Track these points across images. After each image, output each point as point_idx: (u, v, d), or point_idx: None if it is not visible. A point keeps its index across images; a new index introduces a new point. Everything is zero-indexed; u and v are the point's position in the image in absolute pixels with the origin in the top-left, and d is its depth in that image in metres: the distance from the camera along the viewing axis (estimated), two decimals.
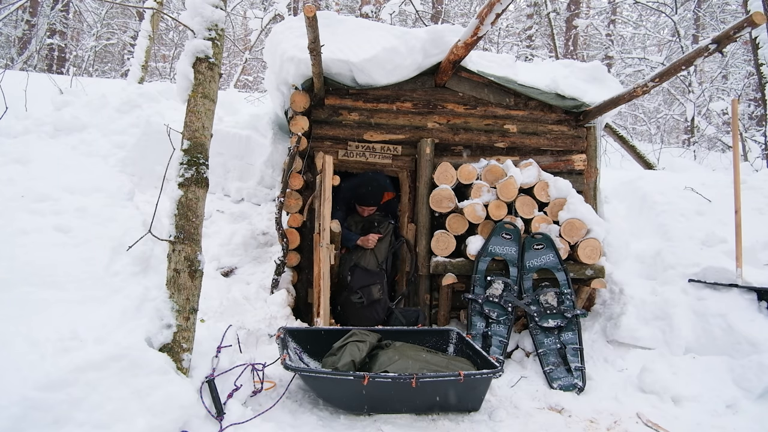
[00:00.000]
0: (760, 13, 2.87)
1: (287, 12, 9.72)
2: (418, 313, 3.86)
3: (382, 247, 4.09)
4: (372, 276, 3.95)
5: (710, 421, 3.04)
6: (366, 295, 3.87)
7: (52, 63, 15.38)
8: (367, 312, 3.86)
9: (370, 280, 3.93)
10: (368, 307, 3.86)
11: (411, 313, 3.86)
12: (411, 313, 3.87)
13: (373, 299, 3.86)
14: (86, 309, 2.28)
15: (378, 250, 4.07)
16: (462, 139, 4.26)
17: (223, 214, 4.84)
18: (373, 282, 3.92)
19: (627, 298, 3.95)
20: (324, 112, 4.15)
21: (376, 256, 4.05)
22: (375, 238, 4.03)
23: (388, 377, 2.70)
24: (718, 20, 12.80)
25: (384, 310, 3.89)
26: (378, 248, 4.07)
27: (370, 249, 4.04)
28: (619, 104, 4.00)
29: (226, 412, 2.44)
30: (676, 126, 17.25)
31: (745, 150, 9.78)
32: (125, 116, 5.56)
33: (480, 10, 3.22)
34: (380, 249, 4.08)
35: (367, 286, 3.90)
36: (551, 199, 3.99)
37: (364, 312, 3.86)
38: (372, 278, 3.94)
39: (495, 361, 2.99)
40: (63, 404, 1.92)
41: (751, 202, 4.54)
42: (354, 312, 3.89)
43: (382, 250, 4.08)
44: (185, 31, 6.82)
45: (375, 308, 3.87)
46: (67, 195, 2.78)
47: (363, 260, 4.04)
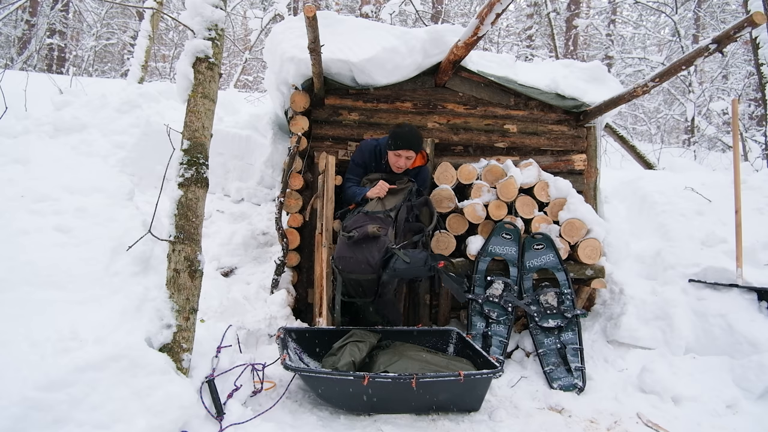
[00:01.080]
0: (760, 13, 2.87)
1: (287, 12, 9.72)
2: (426, 256, 3.17)
3: (394, 199, 3.46)
4: (372, 219, 3.31)
5: (710, 421, 3.04)
6: (360, 231, 3.20)
7: (52, 63, 15.39)
8: (358, 252, 3.16)
9: (369, 221, 3.28)
10: (359, 244, 3.18)
11: (417, 256, 3.15)
12: (417, 255, 3.16)
13: (367, 234, 3.16)
14: (86, 309, 2.28)
15: (387, 200, 3.46)
16: (462, 139, 4.26)
17: (223, 214, 4.84)
18: (372, 222, 3.29)
19: (627, 298, 3.95)
20: (324, 112, 4.15)
21: (383, 204, 3.43)
22: (385, 187, 3.47)
23: (388, 377, 2.70)
24: (718, 20, 12.81)
25: (381, 250, 3.15)
26: (388, 199, 3.47)
27: (378, 198, 3.47)
28: (619, 104, 4.00)
29: (226, 412, 2.45)
30: (676, 126, 17.25)
31: (745, 150, 9.78)
32: (125, 116, 5.56)
33: (480, 10, 3.22)
34: (390, 200, 3.46)
35: (363, 226, 3.25)
36: (551, 199, 3.99)
37: (354, 251, 3.17)
38: (372, 220, 3.30)
39: (495, 361, 2.99)
40: (63, 404, 1.92)
41: (751, 202, 4.54)
42: (342, 250, 3.23)
43: (392, 201, 3.44)
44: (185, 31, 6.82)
45: (369, 247, 3.16)
46: (67, 195, 2.78)
47: (367, 207, 3.45)
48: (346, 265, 3.19)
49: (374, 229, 3.18)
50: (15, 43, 13.24)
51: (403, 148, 3.50)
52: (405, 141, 3.49)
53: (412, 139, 3.51)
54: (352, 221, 3.35)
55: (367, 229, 3.18)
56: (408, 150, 3.51)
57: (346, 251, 3.22)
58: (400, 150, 3.51)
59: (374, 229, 3.18)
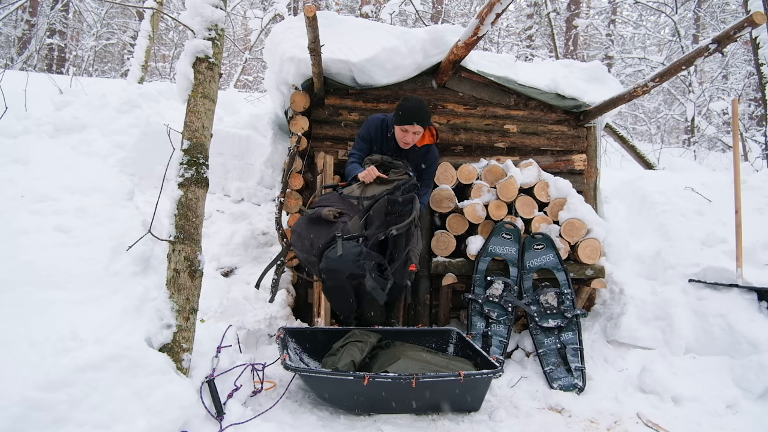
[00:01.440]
0: (760, 13, 2.87)
1: (287, 12, 9.72)
2: (360, 252, 2.82)
3: (378, 189, 3.22)
4: (343, 202, 3.13)
5: (710, 421, 3.04)
6: (316, 211, 3.08)
7: (52, 63, 15.39)
8: (309, 230, 3.02)
9: (336, 203, 3.11)
10: (312, 224, 3.04)
11: (351, 250, 2.81)
12: (351, 249, 2.82)
13: (320, 216, 2.99)
14: (86, 309, 2.28)
15: (370, 187, 3.24)
16: (462, 139, 4.26)
17: (223, 214, 4.84)
18: (339, 204, 3.11)
19: (627, 298, 3.95)
20: (324, 112, 4.15)
21: (364, 190, 3.24)
22: (374, 174, 3.22)
23: (388, 377, 2.69)
24: (718, 20, 12.81)
25: (328, 236, 2.90)
26: (372, 186, 3.25)
27: (363, 183, 3.27)
28: (619, 104, 4.00)
29: (226, 412, 2.44)
30: (676, 126, 17.25)
31: (745, 150, 9.79)
32: (125, 116, 5.55)
33: (480, 10, 3.22)
34: (373, 188, 3.24)
35: (324, 206, 3.10)
36: (551, 199, 3.99)
37: (306, 229, 3.05)
38: (341, 203, 3.11)
39: (495, 361, 2.99)
40: (63, 404, 1.92)
41: (751, 202, 4.54)
42: (297, 224, 3.17)
43: (375, 190, 3.22)
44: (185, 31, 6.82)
45: (320, 229, 2.96)
46: (67, 195, 2.78)
47: (347, 189, 3.28)
48: (295, 241, 3.13)
49: (328, 212, 2.99)
50: (15, 43, 13.24)
51: (410, 122, 3.28)
52: (412, 115, 3.28)
53: (420, 112, 3.30)
54: (322, 199, 3.26)
55: (322, 211, 3.02)
56: (415, 125, 3.29)
57: (299, 226, 3.18)
58: (407, 125, 3.30)
59: (328, 212, 2.99)
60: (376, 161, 3.40)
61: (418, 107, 3.31)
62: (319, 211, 3.03)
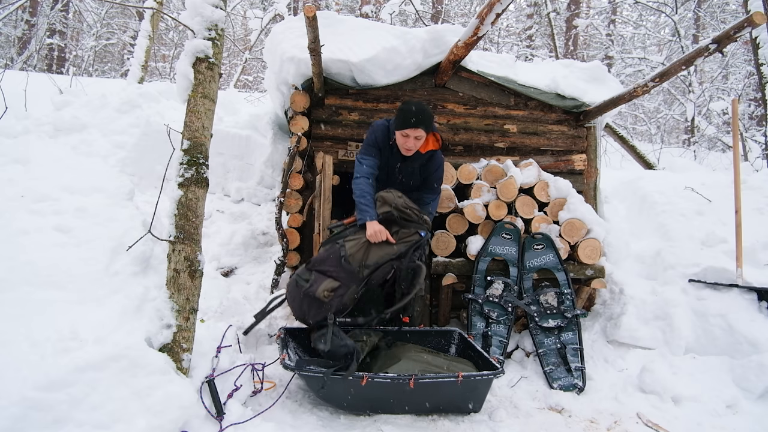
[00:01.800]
0: (760, 13, 2.87)
1: (287, 12, 9.73)
2: (350, 350, 2.76)
3: (382, 252, 3.01)
4: (344, 270, 2.93)
5: (710, 421, 3.04)
6: (312, 287, 2.91)
7: (52, 63, 15.39)
8: (302, 302, 2.94)
9: (335, 271, 2.93)
10: (306, 297, 2.92)
11: (340, 349, 2.77)
12: (340, 346, 2.78)
13: (314, 295, 2.88)
14: (86, 309, 2.28)
15: (374, 250, 3.01)
16: (462, 139, 4.26)
17: (223, 214, 4.84)
18: (337, 274, 2.92)
19: (627, 298, 3.95)
20: (324, 112, 4.15)
21: (366, 254, 2.99)
22: (383, 236, 3.00)
23: (386, 378, 2.69)
24: (718, 20, 12.81)
25: (318, 317, 2.91)
26: (377, 248, 3.01)
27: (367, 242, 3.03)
28: (619, 104, 4.00)
29: (226, 412, 2.44)
30: (676, 126, 17.25)
31: (745, 150, 9.79)
32: (125, 116, 5.56)
33: (480, 10, 3.22)
34: (377, 252, 3.01)
35: (320, 280, 2.91)
36: (551, 199, 3.99)
37: (299, 299, 2.94)
38: (341, 271, 2.92)
39: (496, 362, 2.99)
40: (63, 404, 1.92)
41: (751, 202, 4.54)
42: (291, 287, 3.02)
43: (378, 254, 3.00)
44: (185, 31, 6.82)
45: (312, 306, 2.91)
46: (67, 195, 2.78)
47: (348, 248, 3.00)
48: (290, 303, 3.03)
49: (323, 293, 2.86)
50: (15, 43, 13.24)
51: (411, 126, 3.06)
52: (413, 118, 3.05)
53: (421, 115, 3.07)
54: (321, 257, 3.00)
55: (316, 290, 2.87)
56: (416, 128, 3.07)
57: (291, 292, 3.00)
58: (408, 129, 3.08)
59: (323, 293, 2.86)
60: (388, 213, 3.10)
61: (419, 110, 3.09)
62: (313, 290, 2.88)
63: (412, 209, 3.16)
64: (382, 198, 3.16)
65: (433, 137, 3.30)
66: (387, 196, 3.16)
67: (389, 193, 3.18)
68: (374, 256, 3.00)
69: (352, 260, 2.95)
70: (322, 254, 3.04)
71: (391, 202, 3.13)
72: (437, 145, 3.32)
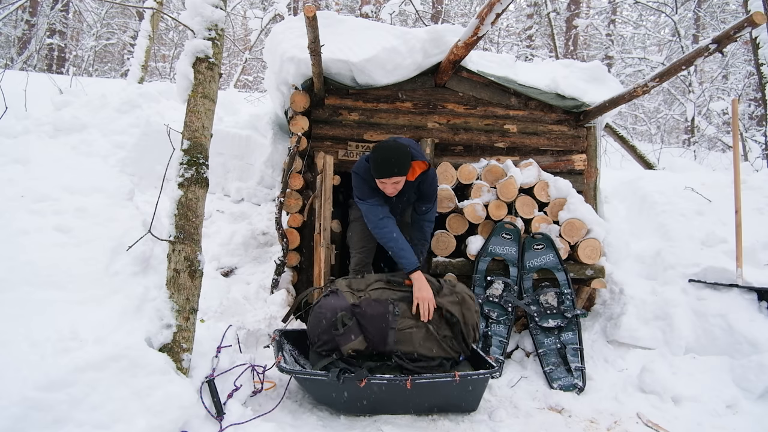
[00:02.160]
0: (760, 13, 2.87)
1: (287, 12, 9.73)
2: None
3: (425, 347, 2.85)
4: (376, 333, 2.78)
5: (710, 421, 3.04)
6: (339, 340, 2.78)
7: (52, 63, 15.39)
8: (319, 333, 2.84)
9: (367, 326, 2.79)
10: (330, 327, 2.82)
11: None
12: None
13: (338, 348, 2.78)
14: (86, 309, 2.29)
15: (421, 340, 2.85)
16: (462, 139, 4.26)
17: (223, 214, 4.84)
18: (365, 330, 2.79)
19: (627, 298, 3.95)
20: (324, 112, 4.15)
21: (410, 339, 2.83)
22: (432, 307, 2.86)
23: (383, 379, 2.69)
24: (718, 20, 12.81)
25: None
26: (425, 340, 2.86)
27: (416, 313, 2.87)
28: (619, 104, 4.00)
29: (225, 412, 2.45)
30: (676, 126, 17.25)
31: (745, 150, 9.79)
32: (125, 116, 5.56)
33: (480, 10, 3.22)
34: (425, 342, 2.86)
35: (359, 325, 2.80)
36: (551, 199, 3.99)
37: (318, 331, 2.85)
38: (372, 330, 2.79)
39: (494, 362, 2.99)
40: (63, 404, 1.92)
41: (751, 202, 4.53)
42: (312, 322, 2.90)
43: (422, 346, 2.85)
44: (185, 31, 6.82)
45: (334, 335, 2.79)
46: (67, 195, 2.79)
47: (400, 322, 2.83)
48: (311, 325, 2.91)
49: (347, 350, 2.76)
50: (15, 43, 13.24)
51: (385, 177, 2.95)
52: (385, 169, 2.93)
53: (395, 167, 2.92)
54: (371, 308, 2.81)
55: (343, 344, 2.76)
56: (391, 178, 2.95)
57: (324, 322, 2.82)
58: (383, 179, 2.98)
59: (347, 350, 2.76)
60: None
61: (390, 159, 2.91)
62: (342, 342, 2.76)
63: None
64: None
65: (418, 165, 3.12)
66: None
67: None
68: (417, 345, 2.82)
69: (396, 336, 2.79)
70: (373, 305, 2.81)
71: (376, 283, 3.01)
72: (425, 166, 3.15)
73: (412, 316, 2.88)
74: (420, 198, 3.31)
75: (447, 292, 2.99)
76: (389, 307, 2.84)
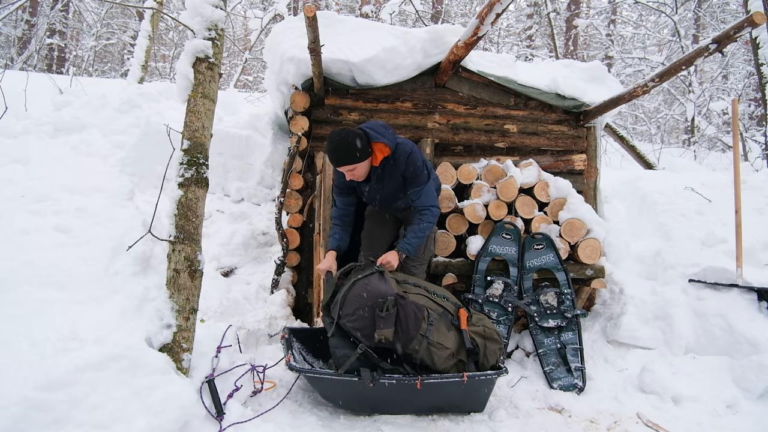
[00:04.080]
0: (760, 13, 2.87)
1: (287, 12, 9.72)
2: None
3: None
4: (407, 329, 2.76)
5: (710, 421, 3.04)
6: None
7: (52, 63, 15.39)
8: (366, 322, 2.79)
9: (403, 320, 2.76)
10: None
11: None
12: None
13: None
14: (86, 309, 2.29)
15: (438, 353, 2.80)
16: (462, 139, 4.26)
17: (223, 214, 4.84)
18: (401, 321, 2.76)
19: (627, 298, 3.95)
20: (324, 112, 4.15)
21: (428, 354, 2.78)
22: (391, 268, 2.99)
23: (392, 379, 2.69)
24: (718, 20, 12.80)
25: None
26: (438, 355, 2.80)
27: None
28: (619, 104, 4.00)
29: (226, 412, 2.45)
30: (676, 126, 17.25)
31: (745, 150, 9.78)
32: (125, 116, 5.56)
33: (480, 10, 3.22)
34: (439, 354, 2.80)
35: (398, 316, 2.76)
36: (551, 199, 3.99)
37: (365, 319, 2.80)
38: (405, 324, 2.76)
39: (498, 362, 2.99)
40: (63, 404, 1.93)
41: (751, 202, 4.53)
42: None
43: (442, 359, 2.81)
44: (185, 31, 6.82)
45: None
46: (67, 195, 2.78)
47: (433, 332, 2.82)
48: (352, 303, 2.83)
49: (379, 336, 2.71)
50: (15, 43, 13.24)
51: (339, 165, 2.95)
52: (333, 157, 2.94)
53: (344, 155, 2.90)
54: (412, 312, 2.79)
55: (378, 329, 2.71)
56: (345, 166, 2.94)
57: (368, 309, 2.76)
58: (338, 167, 2.99)
59: (379, 336, 2.71)
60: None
61: (338, 147, 2.89)
62: (380, 325, 2.72)
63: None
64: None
65: (377, 148, 3.00)
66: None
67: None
68: (438, 363, 2.78)
69: (426, 348, 2.77)
70: (413, 307, 2.80)
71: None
72: (387, 151, 3.01)
73: (442, 332, 2.84)
74: (404, 182, 3.13)
75: (475, 322, 2.99)
76: (425, 315, 2.82)
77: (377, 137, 2.96)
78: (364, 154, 2.94)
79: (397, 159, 3.04)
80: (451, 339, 2.83)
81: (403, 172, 3.07)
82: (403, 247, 3.07)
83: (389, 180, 3.11)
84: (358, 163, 2.94)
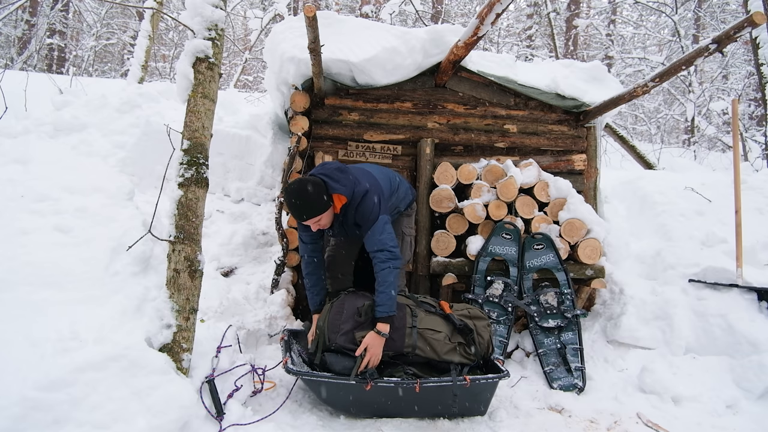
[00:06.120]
0: (760, 13, 2.87)
1: (287, 12, 9.72)
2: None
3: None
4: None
5: (710, 421, 3.04)
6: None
7: (52, 63, 15.40)
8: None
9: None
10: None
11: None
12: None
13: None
14: (86, 309, 2.28)
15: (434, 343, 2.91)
16: (462, 139, 4.26)
17: (223, 214, 4.84)
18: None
19: (627, 298, 3.95)
20: (324, 112, 4.15)
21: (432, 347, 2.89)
22: (374, 363, 2.80)
23: (391, 382, 2.67)
24: (718, 20, 12.81)
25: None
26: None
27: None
28: (619, 104, 4.00)
29: (226, 413, 2.45)
30: (676, 126, 17.25)
31: (745, 150, 9.79)
32: (125, 116, 5.55)
33: (480, 10, 3.22)
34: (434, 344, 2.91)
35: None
36: (551, 199, 3.99)
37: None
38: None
39: (501, 365, 2.98)
40: (63, 404, 1.92)
41: (751, 202, 4.54)
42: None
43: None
44: (185, 31, 6.83)
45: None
46: (67, 195, 2.78)
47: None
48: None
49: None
50: (15, 43, 13.24)
51: (304, 219, 2.86)
52: (294, 213, 2.84)
53: (306, 207, 2.79)
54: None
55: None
56: (311, 219, 2.84)
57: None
58: (305, 222, 2.90)
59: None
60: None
61: (293, 202, 2.78)
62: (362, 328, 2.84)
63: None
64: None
65: (336, 198, 2.89)
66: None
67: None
68: (437, 348, 2.88)
69: (417, 336, 2.86)
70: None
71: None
72: (344, 199, 2.90)
73: (429, 320, 2.98)
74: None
75: (458, 308, 3.12)
76: (407, 311, 2.96)
77: (335, 187, 2.85)
78: (327, 205, 2.84)
79: (349, 209, 2.94)
80: (440, 323, 2.96)
81: (358, 220, 2.96)
82: (381, 313, 2.80)
83: (351, 224, 3.03)
84: (323, 214, 2.85)
